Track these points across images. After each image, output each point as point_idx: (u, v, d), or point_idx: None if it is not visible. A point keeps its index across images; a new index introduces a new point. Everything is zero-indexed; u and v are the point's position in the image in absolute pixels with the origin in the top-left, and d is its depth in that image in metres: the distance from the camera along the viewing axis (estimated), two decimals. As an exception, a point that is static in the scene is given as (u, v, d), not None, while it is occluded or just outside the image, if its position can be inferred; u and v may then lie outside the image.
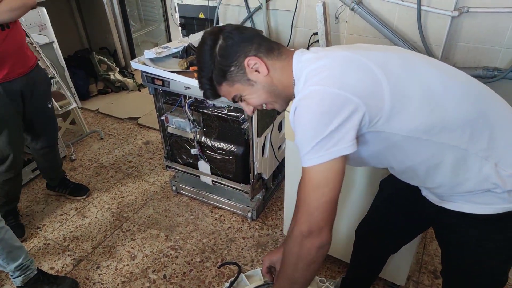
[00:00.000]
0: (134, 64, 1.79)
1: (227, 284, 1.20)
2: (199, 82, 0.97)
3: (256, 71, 0.89)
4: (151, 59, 1.82)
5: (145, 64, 1.76)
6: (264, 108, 0.98)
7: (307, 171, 0.81)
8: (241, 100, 0.96)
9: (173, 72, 1.68)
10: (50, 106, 2.00)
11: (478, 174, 0.83)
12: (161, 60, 1.83)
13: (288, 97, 0.95)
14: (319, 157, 0.78)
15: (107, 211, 2.19)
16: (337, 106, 0.76)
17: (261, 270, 1.23)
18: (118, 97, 3.55)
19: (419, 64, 0.86)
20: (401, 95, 0.79)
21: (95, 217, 2.15)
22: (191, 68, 1.67)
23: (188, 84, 1.67)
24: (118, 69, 3.81)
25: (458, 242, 0.97)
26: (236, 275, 1.23)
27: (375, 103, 0.78)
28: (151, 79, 1.79)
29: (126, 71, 3.89)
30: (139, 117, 3.13)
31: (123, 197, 2.29)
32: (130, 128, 3.04)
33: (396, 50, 0.91)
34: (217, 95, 0.98)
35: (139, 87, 3.70)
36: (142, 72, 1.80)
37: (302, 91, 0.81)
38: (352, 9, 1.87)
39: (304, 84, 0.82)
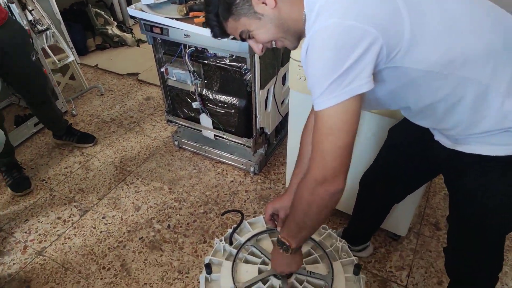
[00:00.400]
0: (131, 11, 1.71)
1: (230, 230, 1.22)
2: (206, 19, 0.91)
3: (263, 3, 0.83)
4: (149, 6, 1.73)
5: (142, 10, 1.69)
6: (274, 45, 0.92)
7: (321, 114, 0.76)
8: (249, 37, 0.90)
9: (172, 18, 1.61)
10: (34, 59, 1.93)
11: (498, 112, 0.80)
12: (159, 7, 1.74)
13: (298, 33, 0.89)
14: (334, 97, 0.73)
15: (110, 164, 2.20)
16: (353, 40, 0.70)
17: (263, 217, 1.24)
18: (117, 53, 3.46)
19: None
20: (420, 22, 0.73)
21: (99, 170, 2.16)
22: (191, 14, 1.60)
23: (188, 31, 1.61)
24: (115, 23, 3.68)
25: (469, 186, 0.95)
26: (238, 222, 1.24)
27: (394, 34, 0.72)
28: (149, 27, 1.72)
29: (124, 25, 3.76)
30: (139, 73, 3.07)
31: (125, 152, 2.29)
32: (130, 84, 2.98)
33: None
34: (225, 33, 0.92)
35: (138, 42, 3.59)
36: (140, 19, 1.72)
37: (314, 26, 0.75)
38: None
39: (316, 18, 0.76)
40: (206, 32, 1.52)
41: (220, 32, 0.91)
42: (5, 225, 1.86)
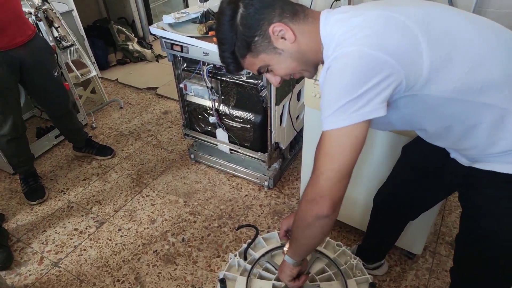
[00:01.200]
0: (153, 30, 1.78)
1: (244, 245, 1.23)
2: (221, 57, 0.91)
3: (282, 37, 0.83)
4: (170, 25, 1.80)
5: (163, 29, 1.75)
6: (292, 77, 0.94)
7: (324, 134, 0.78)
8: (267, 71, 0.91)
9: (192, 37, 1.66)
10: (56, 74, 2.01)
11: None
12: (179, 26, 1.81)
13: (316, 63, 0.90)
14: (341, 120, 0.74)
15: (127, 177, 2.24)
16: (373, 69, 0.71)
17: (278, 233, 1.25)
18: (137, 68, 3.56)
19: (457, 19, 0.81)
20: (441, 54, 0.75)
21: (116, 182, 2.21)
22: (210, 33, 1.65)
23: (207, 50, 1.65)
24: (136, 39, 3.80)
25: (483, 203, 0.94)
26: (253, 237, 1.25)
27: (414, 66, 0.73)
28: (170, 45, 1.78)
29: (144, 41, 3.88)
30: (158, 87, 3.15)
31: (142, 164, 2.34)
32: (149, 98, 3.06)
33: (430, 5, 0.84)
34: (240, 68, 0.92)
35: (157, 57, 3.69)
36: (161, 37, 1.78)
37: (335, 53, 0.76)
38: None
39: (337, 47, 0.77)
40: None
41: (235, 68, 0.91)
42: (23, 236, 1.91)
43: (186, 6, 4.15)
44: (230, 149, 2.08)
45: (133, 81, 3.29)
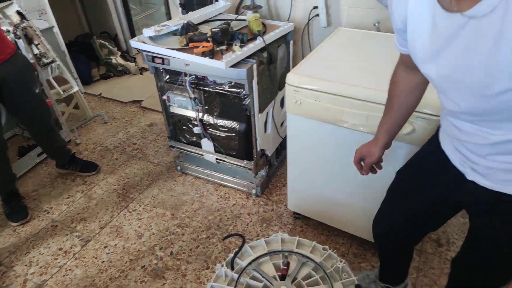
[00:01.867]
0: (134, 43, 1.78)
1: (231, 255, 1.22)
2: None
3: None
4: (151, 38, 1.80)
5: (144, 42, 1.75)
6: None
7: None
8: None
9: (173, 49, 1.67)
10: (37, 91, 1.98)
11: None
12: (160, 38, 1.81)
13: None
14: None
15: (113, 192, 2.21)
16: None
17: (263, 240, 1.24)
18: (121, 81, 3.55)
19: None
20: None
21: (101, 198, 2.18)
22: (191, 45, 1.65)
23: (188, 61, 1.66)
24: (119, 53, 3.79)
25: None
26: (239, 246, 1.24)
27: None
28: (151, 57, 1.78)
29: (127, 55, 3.87)
30: (142, 100, 3.14)
31: (128, 179, 2.31)
32: (134, 111, 3.04)
33: None
34: None
35: (141, 70, 3.69)
36: (142, 51, 1.78)
37: None
38: (353, -21, 1.83)
39: None
40: (206, 61, 1.58)
41: None
42: (5, 259, 1.85)
43: (169, 18, 4.17)
44: (216, 159, 2.07)
45: (117, 95, 3.27)
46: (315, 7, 2.03)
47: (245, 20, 1.91)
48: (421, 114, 1.23)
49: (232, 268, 1.19)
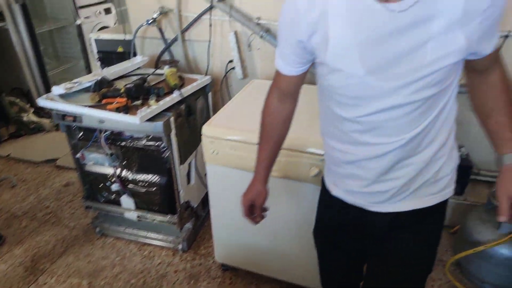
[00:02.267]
0: (42, 102, 1.70)
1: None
2: None
3: None
4: (61, 95, 1.74)
5: (53, 100, 1.68)
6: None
7: None
8: None
9: (85, 106, 1.62)
10: None
11: None
12: (72, 96, 1.75)
13: None
14: None
15: (19, 266, 1.96)
16: None
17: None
18: (33, 140, 3.30)
19: None
20: None
21: (5, 274, 1.91)
22: (104, 101, 1.63)
23: (102, 117, 1.62)
24: (32, 109, 3.55)
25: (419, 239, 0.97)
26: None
27: None
28: (61, 116, 1.70)
29: (42, 111, 3.64)
30: (57, 158, 2.93)
31: (38, 247, 2.08)
32: (47, 171, 2.82)
33: None
34: None
35: (57, 126, 3.48)
36: (51, 109, 1.70)
37: None
38: (261, 37, 1.99)
39: None
40: (119, 116, 1.56)
41: None
42: None
43: (89, 72, 4.07)
44: (138, 216, 1.98)
45: (29, 155, 3.01)
46: (231, 61, 2.16)
47: (162, 74, 1.95)
48: (323, 156, 1.31)
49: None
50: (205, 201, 2.25)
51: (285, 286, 1.79)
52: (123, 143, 1.79)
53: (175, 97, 1.74)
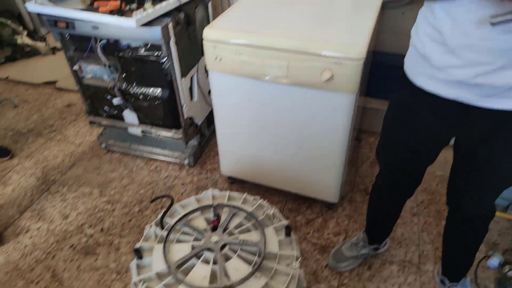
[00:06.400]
0: (30, 6, 1.60)
1: (160, 215, 1.19)
2: None
3: None
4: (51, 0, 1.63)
5: (43, 4, 1.58)
6: None
7: None
8: None
9: (76, 9, 1.53)
10: None
11: None
12: (61, 0, 1.65)
13: None
14: None
15: (31, 176, 2.03)
16: None
17: (194, 197, 1.22)
18: (31, 62, 3.21)
19: None
20: None
21: (18, 183, 1.98)
22: (95, 4, 1.53)
23: (96, 22, 1.54)
24: (26, 32, 3.41)
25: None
26: (168, 206, 1.22)
27: None
28: (53, 22, 1.62)
29: (36, 34, 3.50)
30: (57, 81, 2.88)
31: (47, 161, 2.13)
32: (48, 92, 2.79)
33: None
34: None
35: (53, 50, 3.37)
36: (42, 15, 1.61)
37: None
38: None
39: None
40: (114, 20, 1.47)
41: None
42: None
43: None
44: (142, 131, 1.99)
45: (28, 77, 2.96)
46: (231, -32, 2.00)
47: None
48: (337, 59, 1.26)
49: (162, 228, 1.16)
50: (209, 120, 2.25)
51: (292, 197, 1.86)
52: (120, 54, 1.73)
53: (172, 2, 1.63)
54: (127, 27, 1.46)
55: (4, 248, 1.65)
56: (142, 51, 1.68)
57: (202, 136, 2.18)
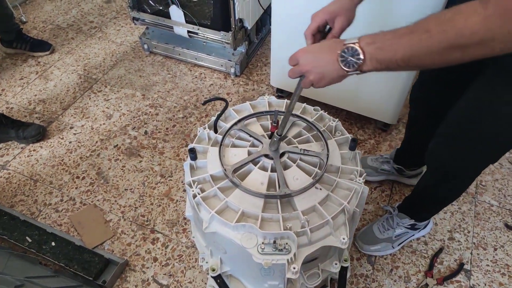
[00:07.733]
0: None
1: (214, 118, 1.08)
2: None
3: None
4: None
5: None
6: None
7: None
8: None
9: None
10: None
11: None
12: None
13: None
14: None
15: (72, 73, 1.96)
16: None
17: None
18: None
19: None
20: None
21: (60, 79, 1.93)
22: None
23: None
24: None
25: None
26: (222, 108, 1.10)
27: None
28: None
29: None
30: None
31: (88, 59, 2.04)
32: (86, -14, 2.60)
33: None
34: None
35: None
36: None
37: None
38: None
39: None
40: None
41: None
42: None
43: None
44: (188, 32, 1.82)
45: (64, -31, 2.75)
46: None
47: None
48: None
49: (216, 131, 1.07)
50: (259, 27, 2.03)
51: (344, 116, 1.72)
52: None
53: None
54: None
55: (49, 143, 1.64)
56: None
57: (250, 43, 1.99)
